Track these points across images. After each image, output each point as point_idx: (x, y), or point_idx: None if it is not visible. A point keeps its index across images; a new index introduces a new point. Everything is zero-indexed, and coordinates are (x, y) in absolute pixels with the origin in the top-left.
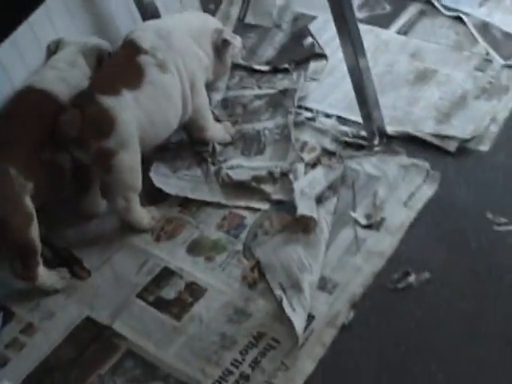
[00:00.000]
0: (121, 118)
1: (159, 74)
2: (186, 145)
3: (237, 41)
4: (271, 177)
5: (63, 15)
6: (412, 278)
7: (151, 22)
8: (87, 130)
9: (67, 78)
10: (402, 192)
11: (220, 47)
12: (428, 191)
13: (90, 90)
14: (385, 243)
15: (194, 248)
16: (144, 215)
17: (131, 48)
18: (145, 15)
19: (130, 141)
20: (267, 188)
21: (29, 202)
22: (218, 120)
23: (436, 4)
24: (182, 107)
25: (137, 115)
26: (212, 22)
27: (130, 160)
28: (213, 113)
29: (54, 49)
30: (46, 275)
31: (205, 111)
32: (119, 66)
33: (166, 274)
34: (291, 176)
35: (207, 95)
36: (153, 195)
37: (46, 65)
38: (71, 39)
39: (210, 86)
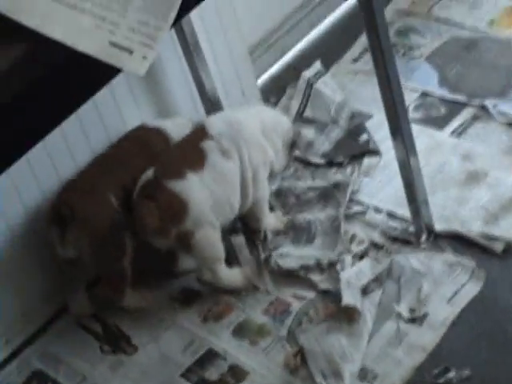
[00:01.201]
0: (192, 199)
1: (221, 159)
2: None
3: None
4: (319, 266)
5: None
6: (452, 374)
7: (227, 112)
8: (165, 219)
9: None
10: (447, 289)
11: (294, 146)
12: (472, 290)
13: (158, 178)
14: (427, 338)
15: (240, 331)
16: (235, 278)
17: (199, 133)
18: (207, 105)
19: (205, 218)
20: (314, 277)
21: (126, 234)
22: (271, 208)
23: (490, 110)
24: (241, 196)
25: (205, 194)
26: (286, 123)
27: (208, 236)
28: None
29: None
30: (131, 296)
31: (264, 205)
32: (184, 149)
33: (211, 356)
34: (338, 267)
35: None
36: (189, 292)
37: None
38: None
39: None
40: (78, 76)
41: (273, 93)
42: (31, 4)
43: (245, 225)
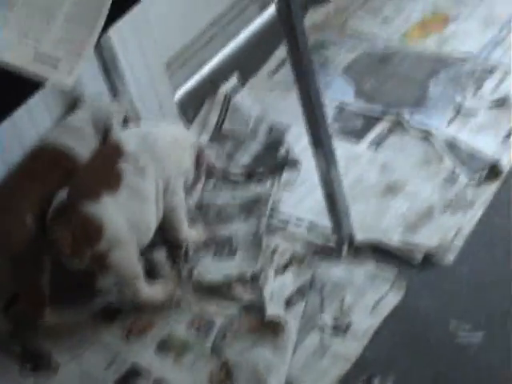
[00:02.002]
0: (106, 220)
1: (137, 178)
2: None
3: (212, 157)
4: (241, 280)
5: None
6: (376, 382)
7: (139, 128)
8: (78, 242)
9: (82, 137)
10: (369, 299)
11: (199, 163)
12: (394, 299)
13: (71, 201)
14: (351, 347)
15: (163, 346)
16: (157, 293)
17: (113, 151)
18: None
19: (120, 237)
20: (237, 290)
21: (42, 251)
22: (192, 221)
23: (405, 121)
24: (155, 209)
25: (120, 214)
26: (193, 138)
27: (123, 256)
28: (188, 214)
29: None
30: (51, 314)
31: (180, 212)
32: (98, 169)
33: (135, 372)
34: (261, 279)
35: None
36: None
37: (62, 124)
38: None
39: (187, 193)
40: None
41: (190, 107)
42: None
43: (166, 239)
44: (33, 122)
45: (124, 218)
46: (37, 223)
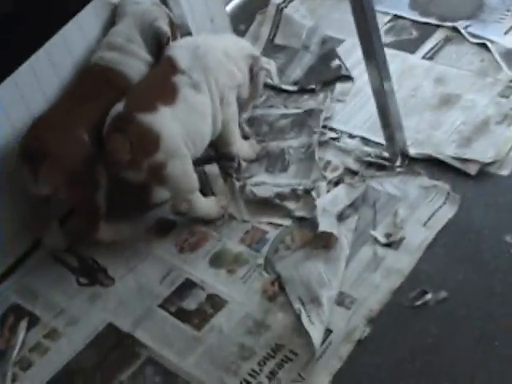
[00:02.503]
0: (164, 131)
1: (193, 92)
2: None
3: (272, 67)
4: (294, 194)
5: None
6: (429, 297)
7: (189, 39)
8: (136, 151)
9: (128, 54)
10: (422, 212)
11: (255, 72)
12: (448, 213)
13: (129, 111)
14: (403, 262)
15: (216, 260)
16: (210, 207)
17: (168, 66)
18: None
19: (177, 149)
20: (290, 205)
21: (99, 169)
22: (244, 137)
23: (462, 31)
24: (212, 122)
25: (176, 126)
26: (248, 48)
27: (180, 167)
28: (240, 130)
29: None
30: (105, 230)
31: (233, 125)
32: (155, 83)
33: (188, 286)
34: (314, 194)
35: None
36: (164, 223)
37: (106, 41)
38: (129, 9)
39: (241, 109)
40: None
41: (242, 20)
42: None
43: (218, 154)
44: (82, 32)
45: (180, 129)
46: (92, 140)
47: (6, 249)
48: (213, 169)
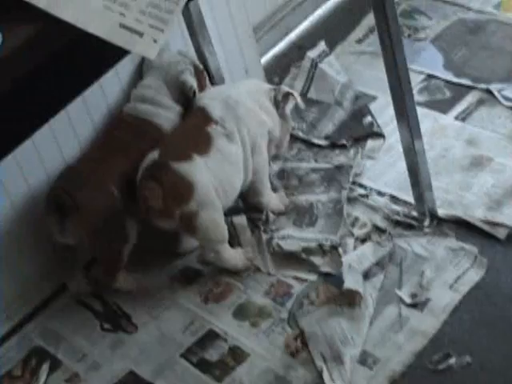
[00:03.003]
0: (197, 181)
1: (226, 143)
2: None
3: (294, 91)
4: (321, 249)
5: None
6: (453, 361)
7: (218, 90)
8: (169, 199)
9: (159, 105)
10: (449, 274)
11: (279, 102)
12: (475, 276)
13: (164, 160)
14: (428, 323)
15: (240, 312)
16: (237, 258)
17: (201, 116)
18: (211, 83)
19: (209, 199)
20: (316, 260)
21: (130, 223)
22: (273, 190)
23: (495, 94)
24: (243, 172)
25: (209, 176)
26: (266, 85)
27: (212, 217)
28: (270, 182)
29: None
30: (123, 279)
31: (263, 175)
32: (189, 133)
33: (211, 336)
34: (340, 250)
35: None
36: (190, 272)
37: (136, 93)
38: (153, 62)
39: (278, 149)
40: (87, 58)
41: (276, 72)
42: None
43: (246, 205)
44: (103, 93)
45: (213, 180)
46: (122, 193)
47: (32, 290)
48: (241, 220)
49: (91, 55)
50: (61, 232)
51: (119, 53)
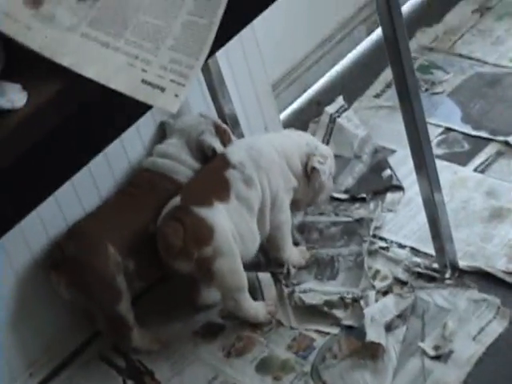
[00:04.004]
0: (217, 226)
1: (244, 188)
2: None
3: (323, 166)
4: (343, 302)
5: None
6: None
7: (246, 140)
8: (189, 240)
9: (179, 161)
10: (472, 326)
11: (308, 172)
12: (498, 327)
13: (185, 204)
14: (452, 376)
15: (263, 367)
16: (258, 310)
17: (221, 161)
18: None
19: (228, 246)
20: (338, 313)
21: (120, 279)
22: (294, 243)
23: None
24: (258, 222)
25: (229, 222)
26: (305, 146)
27: (230, 264)
28: (291, 236)
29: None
30: (139, 338)
31: (285, 231)
32: (208, 178)
33: None
34: (362, 303)
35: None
36: (212, 326)
37: (157, 150)
38: (175, 124)
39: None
40: (108, 114)
41: (295, 128)
42: (65, 42)
43: (267, 259)
44: (124, 150)
45: (232, 226)
46: (120, 251)
47: (55, 348)
48: (266, 277)
49: (114, 112)
50: (58, 288)
51: (141, 109)
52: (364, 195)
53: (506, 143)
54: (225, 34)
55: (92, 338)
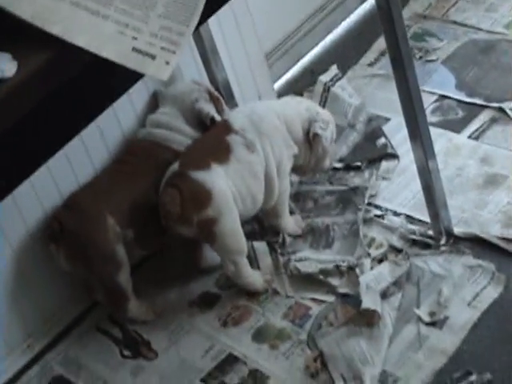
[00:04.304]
0: (215, 188)
1: (246, 152)
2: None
3: (325, 132)
4: (338, 270)
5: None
6: (473, 378)
7: (247, 106)
8: (187, 206)
9: (175, 130)
10: (467, 292)
11: (311, 138)
12: (493, 293)
13: (182, 169)
14: (447, 341)
15: (259, 335)
16: (256, 278)
17: (222, 127)
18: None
19: (228, 207)
20: (334, 281)
21: (120, 250)
22: (290, 212)
23: (508, 112)
24: (266, 189)
25: (228, 185)
26: (306, 111)
27: (230, 225)
28: None
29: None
30: (135, 309)
31: (284, 198)
32: (208, 143)
33: (231, 360)
34: (358, 270)
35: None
36: (208, 296)
37: (151, 119)
38: (168, 92)
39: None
40: (99, 83)
41: None
42: (55, 11)
43: (262, 228)
44: (117, 119)
45: (232, 188)
46: (119, 220)
47: (53, 320)
48: (262, 246)
49: (105, 80)
50: (57, 259)
51: (132, 77)
52: (359, 164)
53: (500, 109)
54: (215, 0)
55: (89, 309)
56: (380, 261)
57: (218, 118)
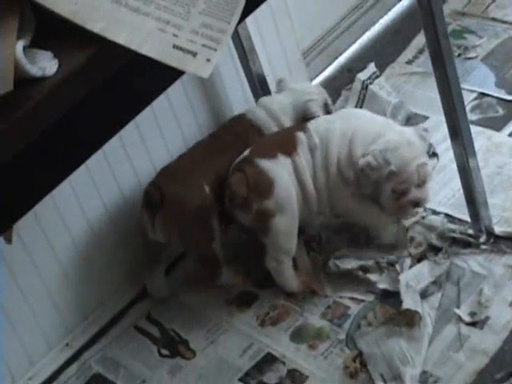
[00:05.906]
0: (279, 180)
1: (307, 153)
2: None
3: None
4: (378, 266)
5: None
6: None
7: (333, 116)
8: (250, 192)
9: (276, 120)
10: (508, 291)
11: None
12: None
13: (251, 156)
14: (489, 342)
15: (298, 335)
16: (294, 279)
17: (299, 126)
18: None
19: (288, 204)
20: (373, 277)
21: (215, 218)
22: None
23: None
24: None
25: (292, 179)
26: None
27: (286, 224)
28: None
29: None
30: (227, 274)
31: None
32: (281, 136)
33: (269, 360)
34: (397, 267)
35: None
36: (246, 295)
37: (262, 102)
38: (290, 84)
39: None
40: (141, 79)
41: (328, 95)
42: (95, 9)
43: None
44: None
45: (295, 184)
46: (214, 192)
47: (91, 318)
48: (299, 245)
49: (145, 77)
50: (151, 228)
51: (172, 75)
52: None
53: None
54: None
55: (127, 308)
56: (419, 260)
57: None
